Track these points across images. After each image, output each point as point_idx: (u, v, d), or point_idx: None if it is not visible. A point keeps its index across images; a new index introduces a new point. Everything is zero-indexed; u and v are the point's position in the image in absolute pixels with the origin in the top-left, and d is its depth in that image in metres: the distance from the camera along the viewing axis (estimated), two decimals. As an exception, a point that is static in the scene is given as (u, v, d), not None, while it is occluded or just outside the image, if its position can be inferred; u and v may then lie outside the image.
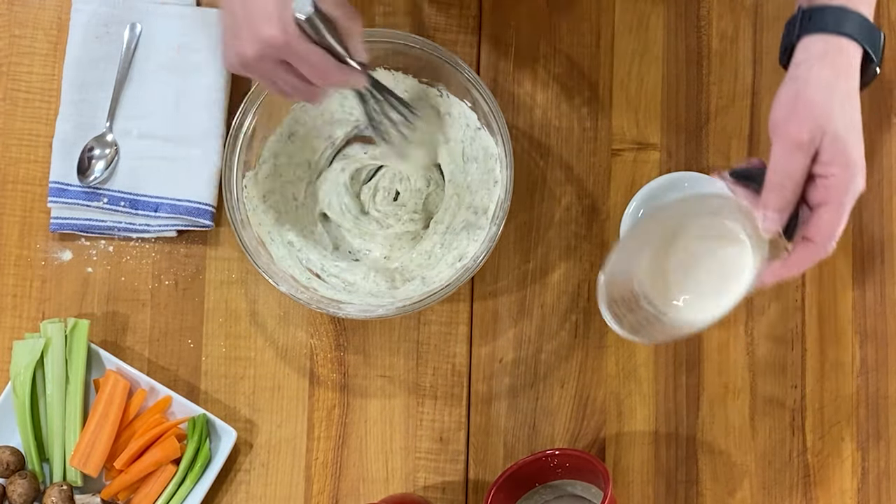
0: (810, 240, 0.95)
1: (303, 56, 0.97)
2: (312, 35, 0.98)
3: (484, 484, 1.22)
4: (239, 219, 1.17)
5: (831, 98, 0.94)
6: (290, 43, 0.96)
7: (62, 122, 1.25)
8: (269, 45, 0.95)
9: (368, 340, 1.24)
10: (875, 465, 1.22)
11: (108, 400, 1.19)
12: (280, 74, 0.99)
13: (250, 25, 0.95)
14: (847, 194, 0.94)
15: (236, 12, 0.97)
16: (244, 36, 0.96)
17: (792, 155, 0.94)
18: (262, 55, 0.96)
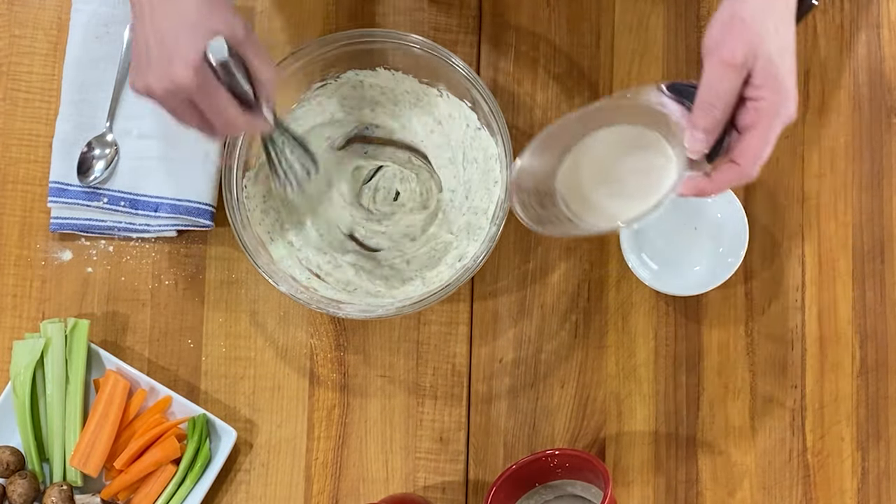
0: (735, 162, 0.94)
1: (209, 100, 0.98)
2: (223, 78, 0.98)
3: (484, 484, 1.22)
4: (239, 219, 1.17)
5: (766, 20, 0.92)
6: (199, 87, 0.96)
7: (62, 122, 1.25)
8: (178, 85, 0.96)
9: (368, 340, 1.24)
10: (875, 465, 1.22)
11: (108, 400, 1.19)
12: (185, 111, 0.99)
13: (162, 62, 0.96)
14: (776, 118, 0.92)
15: (150, 45, 0.97)
16: (155, 71, 0.97)
17: (724, 76, 0.92)
18: (170, 93, 0.97)
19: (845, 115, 1.26)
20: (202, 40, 0.96)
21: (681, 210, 1.22)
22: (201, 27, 0.96)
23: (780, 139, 1.25)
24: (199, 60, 0.95)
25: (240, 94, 1.00)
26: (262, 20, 1.29)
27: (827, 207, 1.25)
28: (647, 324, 1.24)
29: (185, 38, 0.96)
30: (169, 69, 0.96)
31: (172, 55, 0.96)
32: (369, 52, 1.20)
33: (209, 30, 0.96)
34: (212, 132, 1.02)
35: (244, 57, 0.99)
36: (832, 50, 1.27)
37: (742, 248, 1.19)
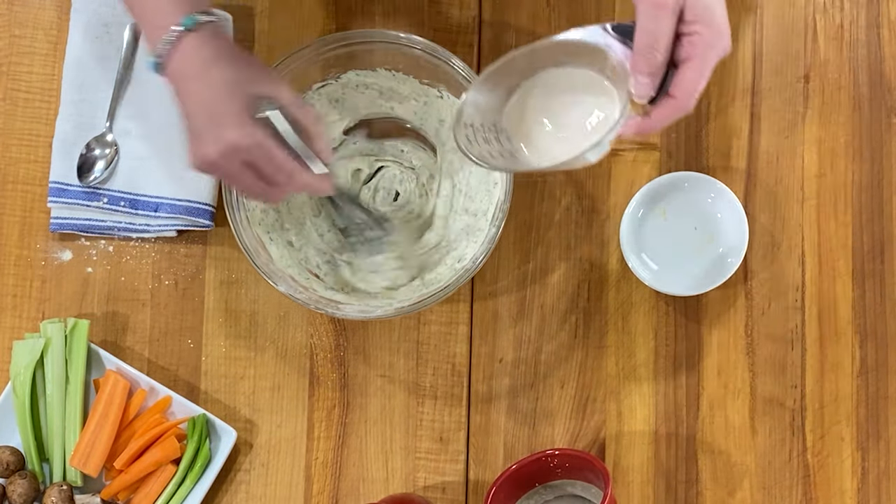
0: (672, 96, 0.96)
1: (267, 156, 0.98)
2: (277, 138, 0.98)
3: (484, 484, 1.22)
4: (238, 218, 1.17)
5: None
6: (255, 143, 0.96)
7: (62, 122, 1.25)
8: (232, 146, 0.96)
9: (368, 340, 1.24)
10: (875, 465, 1.22)
11: (108, 400, 1.19)
12: (245, 175, 0.99)
13: (214, 128, 0.96)
14: (710, 51, 0.94)
15: (197, 117, 0.98)
16: (208, 139, 0.97)
17: (657, 18, 0.94)
18: (227, 156, 0.97)
19: (845, 115, 1.26)
20: (248, 100, 0.97)
21: (681, 210, 1.22)
22: (243, 90, 0.97)
23: (781, 139, 1.26)
24: (248, 119, 0.96)
25: (298, 155, 1.00)
26: (262, 20, 1.29)
27: (827, 207, 1.25)
28: (647, 324, 1.24)
29: (230, 102, 0.96)
30: (221, 134, 0.96)
31: (221, 119, 0.96)
32: (370, 53, 1.20)
33: (251, 91, 0.97)
34: (276, 191, 1.01)
35: (291, 115, 0.99)
36: (832, 50, 1.27)
37: (742, 248, 1.19)
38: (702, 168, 1.26)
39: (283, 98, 0.99)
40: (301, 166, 1.01)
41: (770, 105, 1.27)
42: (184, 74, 0.98)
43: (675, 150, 1.26)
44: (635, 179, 1.26)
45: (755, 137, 1.26)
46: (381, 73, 1.22)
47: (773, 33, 1.28)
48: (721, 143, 1.26)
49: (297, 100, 1.00)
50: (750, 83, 1.27)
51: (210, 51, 0.98)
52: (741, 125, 1.26)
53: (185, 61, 0.98)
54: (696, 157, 1.26)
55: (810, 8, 1.28)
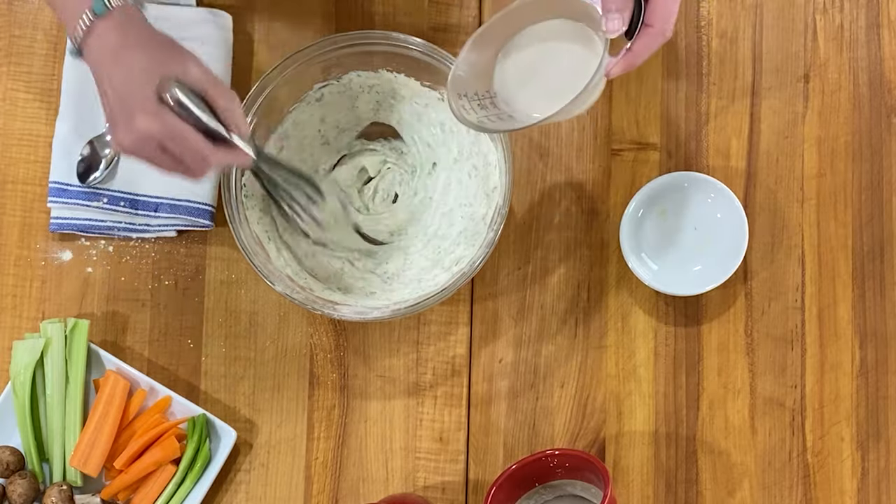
0: (650, 25, 0.99)
1: (178, 139, 0.98)
2: (187, 117, 0.98)
3: (484, 484, 1.22)
4: (237, 217, 1.17)
5: None
6: (164, 129, 0.97)
7: (62, 122, 1.25)
8: (143, 134, 0.97)
9: (368, 341, 1.24)
10: (875, 465, 1.22)
11: (108, 400, 1.19)
12: (160, 158, 0.99)
13: (126, 116, 0.97)
14: None
15: (113, 104, 0.99)
16: (122, 127, 0.98)
17: None
18: (140, 143, 0.98)
19: (845, 115, 1.27)
20: (156, 85, 0.97)
21: (681, 210, 1.22)
22: (153, 74, 0.97)
23: (780, 139, 1.26)
24: (154, 105, 0.96)
25: (212, 131, 1.00)
26: (261, 20, 1.29)
27: (827, 207, 1.25)
28: (647, 324, 1.24)
29: (139, 88, 0.97)
30: (131, 121, 0.97)
31: (132, 107, 0.97)
32: (370, 54, 1.20)
33: (161, 74, 0.97)
34: (190, 173, 1.01)
35: (202, 92, 0.99)
36: (832, 50, 1.27)
37: (742, 248, 1.19)
38: (702, 168, 1.26)
39: (189, 76, 0.98)
40: (215, 145, 1.00)
41: (770, 105, 1.27)
42: (98, 62, 0.99)
43: (675, 150, 1.26)
44: (635, 179, 1.26)
45: (755, 137, 1.26)
46: (382, 75, 1.22)
47: (773, 33, 1.28)
48: (721, 143, 1.26)
49: (205, 76, 0.99)
50: (750, 83, 1.27)
51: (119, 36, 0.98)
52: (741, 125, 1.26)
53: (97, 49, 0.99)
54: (696, 157, 1.26)
55: (810, 8, 1.28)
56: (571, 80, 1.01)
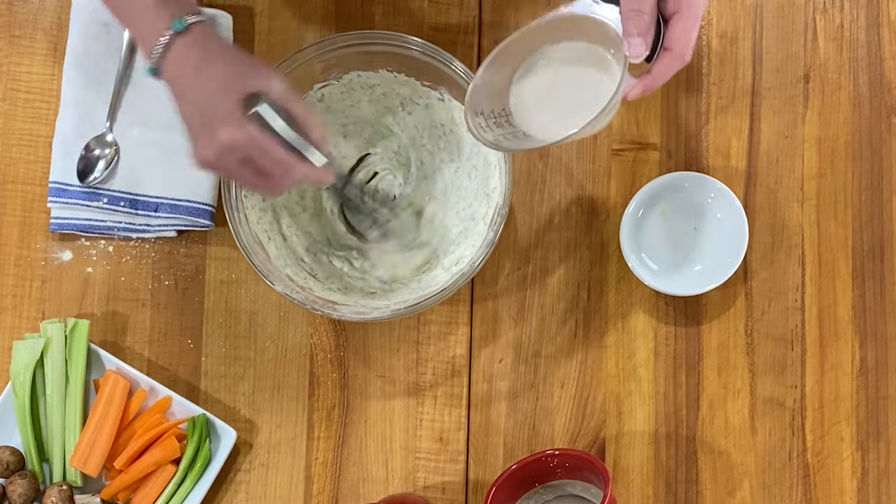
0: (669, 49, 0.99)
1: (261, 151, 0.98)
2: (271, 132, 0.98)
3: (484, 484, 1.22)
4: (237, 217, 1.17)
5: None
6: (247, 141, 0.97)
7: (62, 122, 1.25)
8: (227, 146, 0.97)
9: (368, 340, 1.24)
10: (875, 465, 1.22)
11: (108, 400, 1.19)
12: (243, 172, 1.00)
13: (208, 129, 0.97)
14: (695, 5, 0.97)
15: (193, 119, 0.99)
16: (204, 140, 0.98)
17: None
18: (222, 156, 0.98)
19: (845, 115, 1.27)
20: (240, 96, 0.97)
21: (681, 210, 1.22)
22: (235, 87, 0.97)
23: (781, 139, 1.26)
24: (239, 118, 0.96)
25: (294, 147, 1.00)
26: (261, 20, 1.29)
27: (827, 207, 1.25)
28: (647, 324, 1.24)
29: (222, 101, 0.97)
30: (214, 134, 0.97)
31: (213, 120, 0.97)
32: (371, 55, 1.20)
33: (243, 87, 0.97)
34: (275, 185, 1.02)
35: (285, 107, 0.99)
36: (832, 50, 1.27)
37: (742, 248, 1.19)
38: (702, 168, 1.26)
39: (273, 92, 0.99)
40: (298, 158, 1.01)
41: (770, 105, 1.27)
42: (177, 77, 0.99)
43: (675, 150, 1.26)
44: (635, 179, 1.26)
45: (755, 137, 1.26)
46: (382, 75, 1.22)
47: (773, 33, 1.28)
48: (721, 143, 1.26)
49: (288, 92, 1.00)
50: (750, 83, 1.27)
51: (200, 51, 0.98)
52: (741, 125, 1.26)
53: (177, 64, 0.98)
54: (696, 157, 1.26)
55: (810, 8, 1.28)
56: (588, 102, 1.01)
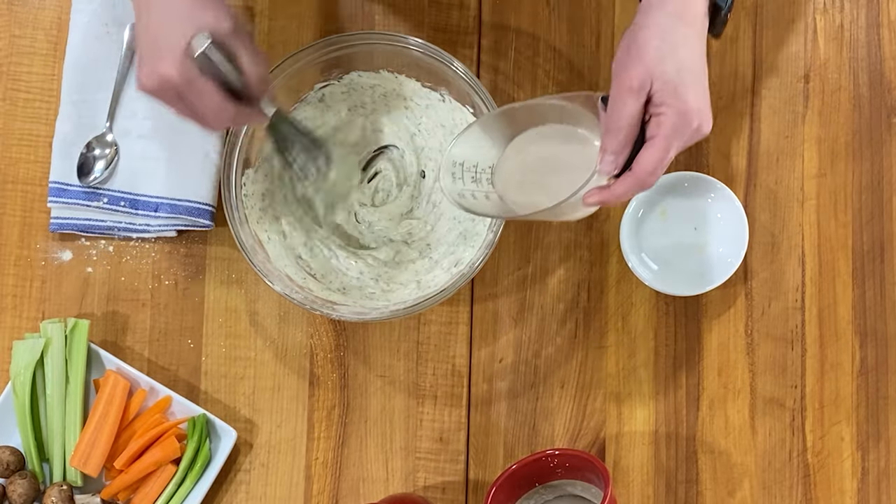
0: (632, 170, 0.97)
1: (196, 94, 0.99)
2: (212, 72, 0.99)
3: (484, 484, 1.22)
4: (237, 216, 1.17)
5: (664, 43, 0.96)
6: (185, 81, 0.98)
7: (62, 122, 1.25)
8: (164, 80, 0.98)
9: (368, 341, 1.24)
10: (875, 465, 1.22)
11: (108, 400, 1.19)
12: (178, 105, 1.01)
13: (152, 58, 0.98)
14: (673, 133, 0.95)
15: (144, 42, 1.00)
16: (146, 67, 0.99)
17: (624, 99, 0.95)
18: (160, 88, 0.99)
19: (845, 115, 1.27)
20: (188, 34, 0.98)
21: (681, 210, 1.22)
22: (189, 22, 0.98)
23: (781, 139, 1.26)
24: (182, 54, 0.97)
25: (234, 87, 1.01)
26: (261, 20, 1.29)
27: (827, 207, 1.25)
28: (647, 324, 1.24)
29: (172, 34, 0.98)
30: (156, 64, 0.98)
31: (161, 50, 0.98)
32: (371, 55, 1.20)
33: (196, 24, 0.98)
34: (205, 124, 1.03)
35: (232, 51, 1.00)
36: (832, 50, 1.27)
37: (742, 248, 1.19)
38: (702, 168, 1.26)
39: (222, 31, 0.99)
40: (235, 102, 1.02)
41: (770, 105, 1.27)
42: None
43: (675, 150, 1.26)
44: (635, 179, 1.26)
45: (755, 137, 1.26)
46: (383, 75, 1.22)
47: (773, 33, 1.28)
48: (721, 143, 1.26)
49: (238, 34, 1.00)
50: (750, 83, 1.27)
51: None
52: (741, 125, 1.26)
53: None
54: (696, 157, 1.26)
55: (810, 8, 1.28)
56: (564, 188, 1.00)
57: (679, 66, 0.95)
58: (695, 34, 0.98)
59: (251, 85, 1.02)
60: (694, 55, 0.97)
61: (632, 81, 0.95)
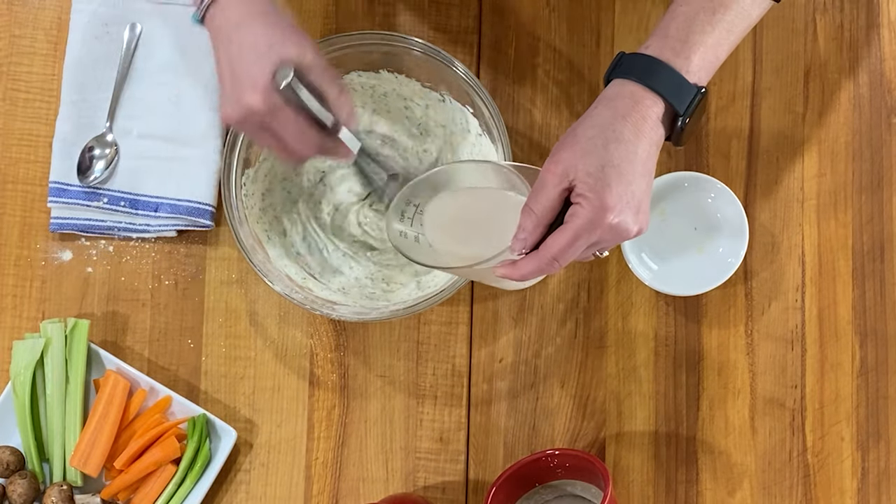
0: (537, 251, 0.96)
1: (282, 125, 1.00)
2: (296, 103, 1.00)
3: (484, 484, 1.22)
4: (237, 216, 1.17)
5: (597, 137, 0.95)
6: (269, 111, 0.98)
7: (62, 122, 1.25)
8: (249, 111, 0.99)
9: (368, 340, 1.24)
10: (875, 465, 1.22)
11: (108, 400, 1.19)
12: (262, 136, 1.02)
13: (235, 91, 0.99)
14: (585, 225, 0.94)
15: (226, 75, 1.01)
16: (230, 100, 1.00)
17: (545, 184, 0.95)
18: (244, 119, 1.00)
19: (845, 115, 1.27)
20: (270, 65, 0.98)
21: (681, 210, 1.22)
22: (271, 52, 0.99)
23: (780, 139, 1.26)
24: (266, 85, 0.98)
25: (318, 118, 1.02)
26: (262, 20, 1.29)
27: (827, 207, 1.25)
28: (647, 324, 1.24)
29: (255, 64, 0.98)
30: (240, 95, 0.99)
31: (243, 81, 0.99)
32: (371, 55, 1.20)
33: (278, 54, 0.99)
34: (290, 154, 1.03)
35: (316, 82, 1.01)
36: (832, 50, 1.27)
37: (742, 248, 1.19)
38: (702, 168, 1.26)
39: (306, 63, 1.00)
40: (319, 133, 1.02)
41: (770, 105, 1.27)
42: (218, 30, 1.01)
43: (675, 150, 1.26)
44: (635, 179, 1.26)
45: (755, 137, 1.26)
46: (383, 75, 1.22)
47: (773, 33, 1.28)
48: (721, 143, 1.26)
49: (321, 65, 1.01)
50: (750, 83, 1.27)
51: (244, 8, 1.00)
52: (741, 125, 1.26)
53: (219, 17, 1.01)
54: (696, 157, 1.26)
55: (810, 8, 1.28)
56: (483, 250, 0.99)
57: (605, 162, 0.94)
58: (636, 136, 0.96)
59: (337, 115, 1.03)
60: (627, 155, 0.95)
61: (556, 168, 0.95)
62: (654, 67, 0.98)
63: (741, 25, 1.01)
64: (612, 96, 0.98)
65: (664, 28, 1.00)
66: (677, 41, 0.98)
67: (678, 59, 0.98)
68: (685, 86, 0.98)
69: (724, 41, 1.00)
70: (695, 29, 0.99)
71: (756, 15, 1.02)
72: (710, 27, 0.99)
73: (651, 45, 0.99)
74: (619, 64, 1.00)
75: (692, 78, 0.98)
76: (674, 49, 0.98)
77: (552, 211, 0.95)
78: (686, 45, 0.98)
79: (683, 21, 0.99)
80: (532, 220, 0.96)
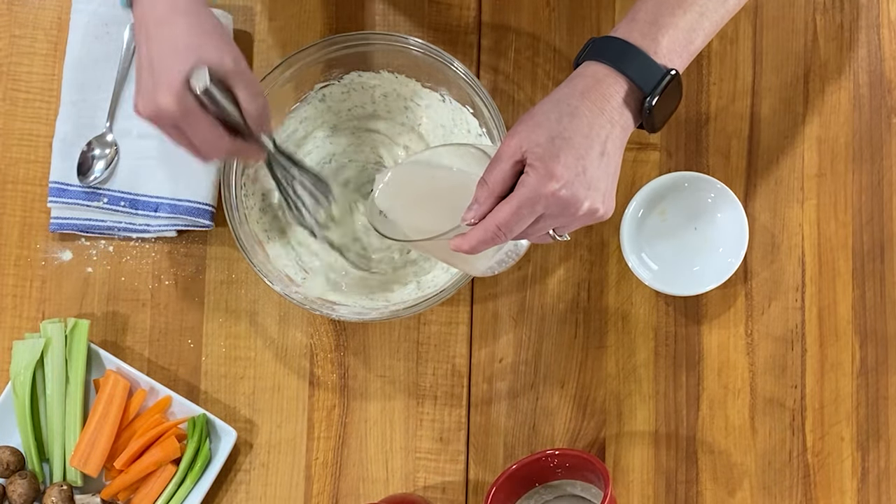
0: (484, 220, 0.96)
1: (192, 127, 1.00)
2: (210, 107, 0.99)
3: (484, 484, 1.22)
4: (236, 216, 1.17)
5: (551, 111, 0.96)
6: (182, 113, 0.98)
7: (62, 122, 1.25)
8: (161, 111, 0.98)
9: (368, 341, 1.24)
10: (875, 465, 1.22)
11: (108, 400, 1.19)
12: (173, 133, 1.01)
13: (150, 87, 0.99)
14: (525, 193, 0.94)
15: (144, 69, 1.00)
16: (145, 96, 0.99)
17: (499, 157, 0.96)
18: (157, 117, 0.99)
19: (845, 115, 1.27)
20: (188, 67, 0.98)
21: (681, 210, 1.22)
22: (189, 54, 0.98)
23: (780, 139, 1.26)
24: (180, 87, 0.97)
25: (231, 122, 1.01)
26: (261, 20, 1.29)
27: (827, 207, 1.25)
28: (647, 324, 1.24)
29: (172, 65, 0.98)
30: (154, 94, 0.98)
31: (159, 81, 0.98)
32: (371, 55, 1.20)
33: (197, 57, 0.98)
34: (199, 155, 1.04)
35: (232, 87, 1.00)
36: (832, 50, 1.27)
37: (742, 248, 1.19)
38: (702, 168, 1.26)
39: (224, 67, 0.99)
40: (230, 137, 1.02)
41: (770, 105, 1.27)
42: (141, 21, 1.01)
43: (675, 150, 1.26)
44: (635, 179, 1.26)
45: (755, 137, 1.26)
46: (383, 75, 1.22)
47: (773, 33, 1.28)
48: (721, 143, 1.26)
49: (238, 70, 1.00)
50: (750, 83, 1.27)
51: (169, 4, 1.00)
52: (741, 125, 1.26)
53: (145, 7, 1.00)
54: (696, 157, 1.26)
55: (810, 8, 1.28)
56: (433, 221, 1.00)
57: (555, 134, 0.94)
58: (594, 113, 0.96)
59: (249, 121, 1.02)
60: (581, 129, 0.95)
61: (510, 140, 0.95)
62: (620, 49, 0.98)
63: (718, 11, 1.01)
64: (574, 76, 0.99)
65: (633, 12, 1.00)
66: (645, 24, 0.99)
67: (645, 40, 0.98)
68: (653, 67, 0.97)
69: (697, 26, 1.00)
70: (664, 11, 0.99)
71: (734, 2, 1.02)
72: (680, 10, 0.99)
73: (620, 29, 1.00)
74: (588, 48, 1.00)
75: (661, 59, 0.98)
76: (641, 31, 0.98)
77: (504, 183, 0.95)
78: (654, 26, 0.98)
79: (653, 4, 0.99)
80: (485, 192, 0.96)
